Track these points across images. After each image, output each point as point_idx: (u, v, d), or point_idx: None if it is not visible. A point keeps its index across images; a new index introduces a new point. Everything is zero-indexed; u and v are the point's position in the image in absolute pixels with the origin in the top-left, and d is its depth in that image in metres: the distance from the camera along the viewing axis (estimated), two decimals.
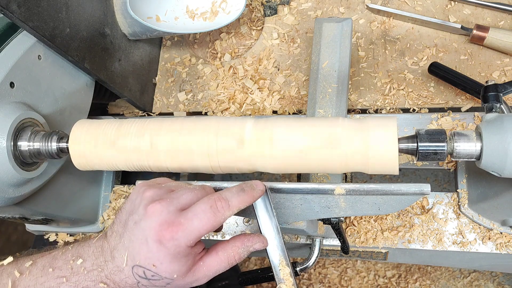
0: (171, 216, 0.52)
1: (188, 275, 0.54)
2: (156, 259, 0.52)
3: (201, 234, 0.52)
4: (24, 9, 0.66)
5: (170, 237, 0.51)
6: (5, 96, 0.69)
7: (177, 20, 0.98)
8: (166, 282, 0.53)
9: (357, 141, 0.57)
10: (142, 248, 0.52)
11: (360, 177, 1.44)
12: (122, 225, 0.54)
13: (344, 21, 0.85)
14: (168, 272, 0.52)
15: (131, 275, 0.53)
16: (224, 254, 0.56)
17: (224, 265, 0.56)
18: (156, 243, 0.51)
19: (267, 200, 0.57)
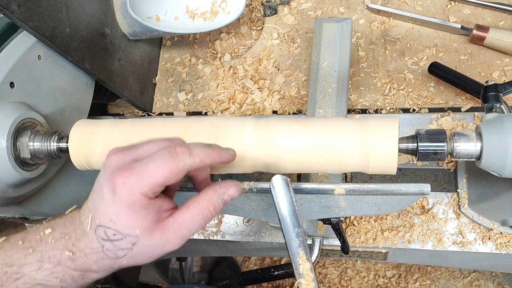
0: (124, 164, 0.48)
1: (155, 233, 0.49)
2: (112, 212, 0.48)
3: (158, 181, 0.47)
4: (24, 9, 0.66)
5: (121, 183, 0.47)
6: (5, 96, 0.69)
7: (177, 20, 0.98)
8: (130, 241, 0.48)
9: (357, 142, 0.57)
10: (100, 204, 0.48)
11: (360, 177, 1.44)
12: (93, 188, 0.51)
13: (344, 21, 0.85)
14: (128, 227, 0.48)
15: (94, 238, 0.49)
16: (197, 207, 0.50)
17: (199, 221, 0.50)
18: (109, 193, 0.47)
19: (288, 192, 0.55)
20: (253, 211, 0.66)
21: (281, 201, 0.54)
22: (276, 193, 0.55)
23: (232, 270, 1.75)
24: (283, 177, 0.55)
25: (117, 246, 0.49)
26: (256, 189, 0.61)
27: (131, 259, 0.50)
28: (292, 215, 0.55)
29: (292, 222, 0.55)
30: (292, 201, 0.55)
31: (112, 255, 0.49)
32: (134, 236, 0.48)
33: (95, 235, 0.49)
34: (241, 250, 0.96)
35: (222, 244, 0.92)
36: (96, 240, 0.49)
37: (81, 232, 0.50)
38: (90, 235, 0.49)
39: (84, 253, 0.50)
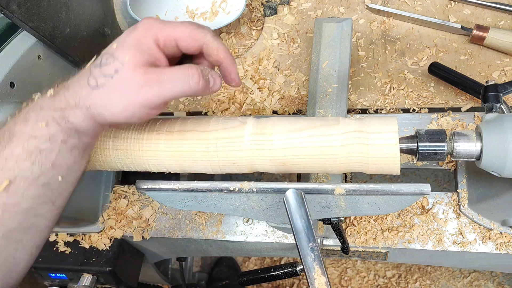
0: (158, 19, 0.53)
1: (138, 69, 0.49)
2: (121, 38, 0.51)
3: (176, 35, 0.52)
4: (24, 9, 0.66)
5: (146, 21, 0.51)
6: (5, 96, 0.70)
7: (177, 20, 0.98)
8: (114, 67, 0.49)
9: (357, 142, 0.57)
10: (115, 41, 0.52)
11: (360, 177, 1.45)
12: None
13: (344, 21, 0.85)
14: (122, 54, 0.50)
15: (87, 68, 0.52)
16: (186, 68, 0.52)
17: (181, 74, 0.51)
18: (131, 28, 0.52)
19: (302, 206, 0.55)
20: (253, 211, 0.66)
21: (295, 215, 0.54)
22: (290, 207, 0.54)
23: (232, 270, 1.76)
24: (297, 191, 0.55)
25: (102, 71, 0.50)
26: (256, 189, 0.61)
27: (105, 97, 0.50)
28: (307, 229, 0.54)
29: (307, 237, 0.54)
30: (307, 215, 0.54)
31: (93, 82, 0.50)
32: (120, 63, 0.49)
33: (90, 65, 0.52)
34: (241, 250, 0.96)
35: (222, 244, 0.93)
36: (88, 69, 0.51)
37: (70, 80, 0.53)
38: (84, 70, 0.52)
39: (67, 87, 0.52)
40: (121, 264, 0.93)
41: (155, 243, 0.96)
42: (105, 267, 0.91)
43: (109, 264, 0.91)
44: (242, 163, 0.61)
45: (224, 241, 0.90)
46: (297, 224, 0.55)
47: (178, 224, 0.91)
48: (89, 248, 0.92)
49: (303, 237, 0.55)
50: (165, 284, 1.53)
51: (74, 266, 0.92)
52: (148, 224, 0.92)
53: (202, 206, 0.65)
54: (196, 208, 0.67)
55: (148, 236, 0.91)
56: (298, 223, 0.55)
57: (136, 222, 0.92)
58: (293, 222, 0.55)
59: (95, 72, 0.50)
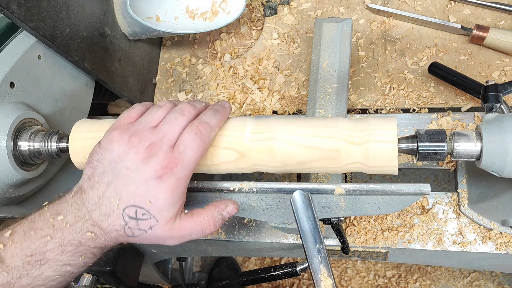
0: (166, 155, 0.54)
1: (166, 225, 0.56)
2: (153, 195, 0.54)
3: (196, 162, 0.56)
4: (24, 9, 0.66)
5: (171, 172, 0.54)
6: (5, 96, 0.69)
7: (177, 20, 0.98)
8: (150, 224, 0.55)
9: (357, 142, 0.57)
10: (140, 188, 0.54)
11: (360, 177, 1.45)
12: (108, 174, 0.55)
13: (344, 21, 0.85)
14: (159, 209, 0.54)
15: (120, 217, 0.54)
16: (198, 218, 0.58)
17: (198, 230, 0.58)
18: (156, 180, 0.54)
19: (310, 208, 0.55)
20: (253, 211, 0.66)
21: (302, 217, 0.55)
22: (297, 208, 0.55)
23: (232, 270, 1.75)
24: (304, 193, 0.55)
25: (138, 226, 0.55)
26: (256, 189, 0.61)
27: (139, 240, 0.57)
28: (314, 231, 0.55)
29: (313, 238, 0.55)
30: (314, 217, 0.55)
31: (130, 233, 0.56)
32: (156, 220, 0.55)
33: (123, 214, 0.54)
34: (241, 250, 0.96)
35: (222, 244, 0.92)
36: (122, 219, 0.55)
37: (101, 214, 0.55)
38: (116, 215, 0.54)
39: (105, 232, 0.55)
40: (121, 264, 0.93)
41: None
42: (105, 267, 0.91)
43: (109, 264, 0.91)
44: (242, 163, 0.61)
45: (224, 241, 0.90)
46: (304, 225, 0.55)
47: None
48: None
49: (309, 239, 0.55)
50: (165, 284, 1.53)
51: None
52: None
53: (202, 206, 0.65)
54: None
55: None
56: (305, 224, 0.55)
57: None
58: (300, 223, 0.55)
59: (132, 224, 0.55)
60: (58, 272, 0.55)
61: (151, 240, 0.57)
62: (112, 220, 0.55)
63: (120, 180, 0.54)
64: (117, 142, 0.56)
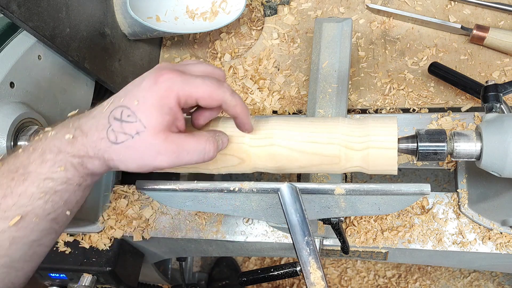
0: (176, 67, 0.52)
1: (159, 135, 0.50)
2: (142, 96, 0.50)
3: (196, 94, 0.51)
4: (24, 9, 0.66)
5: (167, 77, 0.50)
6: (5, 96, 0.69)
7: (177, 20, 0.98)
8: (136, 128, 0.50)
9: (357, 142, 0.57)
10: (134, 89, 0.51)
11: (360, 177, 1.45)
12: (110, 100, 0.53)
13: (344, 21, 0.85)
14: (145, 114, 0.49)
15: (106, 117, 0.50)
16: (202, 137, 0.53)
17: (200, 149, 0.53)
18: (151, 81, 0.50)
19: (297, 201, 0.55)
20: (253, 211, 0.66)
21: (290, 210, 0.55)
22: (285, 202, 0.55)
23: (232, 270, 1.76)
24: (292, 186, 0.55)
25: (123, 128, 0.50)
26: (256, 189, 0.61)
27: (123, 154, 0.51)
28: (302, 224, 0.55)
29: (302, 231, 0.55)
30: (302, 210, 0.55)
31: (113, 137, 0.50)
32: (143, 125, 0.50)
33: (109, 115, 0.50)
34: (241, 250, 0.96)
35: (222, 244, 0.92)
36: (107, 119, 0.50)
37: (89, 117, 0.52)
38: (102, 116, 0.51)
39: (85, 133, 0.51)
40: (121, 264, 0.93)
41: (155, 243, 0.96)
42: (105, 267, 0.91)
43: (109, 264, 0.91)
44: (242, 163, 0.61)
45: (224, 241, 0.90)
46: (292, 218, 0.55)
47: (178, 224, 0.91)
48: (89, 248, 0.92)
49: (298, 232, 0.55)
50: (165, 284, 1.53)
51: (74, 266, 0.91)
52: (148, 224, 0.92)
53: (202, 206, 0.65)
54: (196, 208, 0.67)
55: (148, 236, 0.91)
56: (293, 217, 0.55)
57: (136, 222, 0.92)
58: (288, 216, 0.55)
59: (116, 126, 0.50)
60: (41, 188, 0.51)
61: (138, 152, 0.50)
62: (96, 121, 0.51)
63: (122, 91, 0.52)
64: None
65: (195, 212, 0.91)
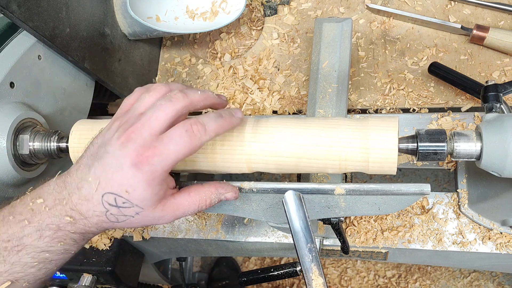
0: (146, 142, 0.51)
1: (157, 208, 0.53)
2: (130, 185, 0.51)
3: (178, 159, 0.52)
4: (24, 9, 0.66)
5: (146, 162, 0.50)
6: (5, 96, 0.69)
7: (177, 20, 0.98)
8: (135, 211, 0.52)
9: (357, 142, 0.57)
10: (116, 175, 0.51)
11: (360, 177, 1.44)
12: (92, 157, 0.53)
13: (344, 21, 0.85)
14: (140, 200, 0.51)
15: (100, 203, 0.52)
16: (197, 196, 0.56)
17: (194, 207, 0.56)
18: (131, 168, 0.50)
19: (301, 208, 0.56)
20: (253, 211, 0.66)
21: (294, 216, 0.55)
22: (289, 208, 0.55)
23: (232, 270, 1.75)
24: (296, 193, 0.55)
25: (121, 212, 0.52)
26: (256, 189, 0.61)
27: (127, 225, 0.54)
28: (305, 230, 0.55)
29: (305, 237, 0.55)
30: (305, 216, 0.55)
31: (114, 219, 0.53)
32: (140, 207, 0.52)
33: (102, 200, 0.51)
34: (241, 250, 0.96)
35: (222, 244, 0.92)
36: (102, 205, 0.52)
37: (81, 198, 0.52)
38: (95, 200, 0.52)
39: (84, 216, 0.52)
40: (121, 264, 0.93)
41: (155, 243, 0.96)
42: (105, 267, 0.91)
43: (109, 264, 0.91)
44: (242, 163, 0.61)
45: (224, 241, 0.90)
46: (295, 225, 0.55)
47: (178, 224, 0.91)
48: (89, 248, 0.92)
49: (301, 238, 0.55)
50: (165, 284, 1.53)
51: (74, 266, 0.91)
52: None
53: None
54: None
55: (148, 236, 0.91)
56: (296, 224, 0.55)
57: None
58: (292, 223, 0.55)
59: (114, 211, 0.52)
60: (36, 258, 0.52)
61: (142, 224, 0.54)
62: (92, 205, 0.52)
63: (100, 164, 0.52)
64: (109, 129, 0.54)
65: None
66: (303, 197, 0.56)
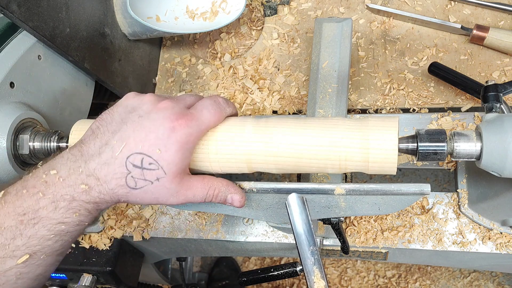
0: (182, 109, 0.54)
1: (175, 179, 0.53)
2: (164, 144, 0.51)
3: (209, 126, 0.56)
4: (24, 9, 0.66)
5: (185, 124, 0.52)
6: (5, 96, 0.70)
7: (177, 20, 0.98)
8: (157, 175, 0.52)
9: (357, 142, 0.57)
10: (150, 135, 0.51)
11: (360, 177, 1.44)
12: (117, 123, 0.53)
13: (344, 21, 0.85)
14: (168, 161, 0.52)
15: (123, 165, 0.51)
16: (209, 182, 0.57)
17: (203, 193, 0.56)
18: (168, 130, 0.51)
19: (304, 211, 0.56)
20: (253, 211, 0.66)
21: (297, 219, 0.55)
22: (292, 211, 0.55)
23: (232, 270, 1.76)
24: (299, 196, 0.55)
25: (143, 176, 0.52)
26: (256, 189, 0.61)
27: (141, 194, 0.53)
28: (308, 233, 0.55)
29: (307, 240, 0.55)
30: (308, 219, 0.55)
31: (132, 184, 0.52)
32: (164, 172, 0.52)
33: (126, 161, 0.51)
34: (241, 250, 0.96)
35: (222, 244, 0.92)
36: (125, 167, 0.51)
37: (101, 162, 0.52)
38: (118, 162, 0.51)
39: (102, 181, 0.52)
40: (121, 264, 0.93)
41: (155, 243, 0.96)
42: (105, 267, 0.91)
43: (109, 264, 0.91)
44: (242, 163, 0.61)
45: (224, 241, 0.90)
46: (298, 228, 0.55)
47: (178, 224, 0.91)
48: (89, 248, 0.92)
49: (303, 241, 0.55)
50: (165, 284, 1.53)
51: (74, 266, 0.91)
52: (148, 224, 0.92)
53: (202, 207, 0.65)
54: (196, 208, 0.67)
55: (148, 236, 0.91)
56: (299, 227, 0.55)
57: (136, 222, 0.92)
58: (295, 226, 0.56)
59: (136, 173, 0.52)
60: (52, 231, 0.52)
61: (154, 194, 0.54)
62: (112, 168, 0.51)
63: (129, 126, 0.52)
64: (133, 97, 0.55)
65: (195, 212, 0.91)
66: (306, 200, 0.56)
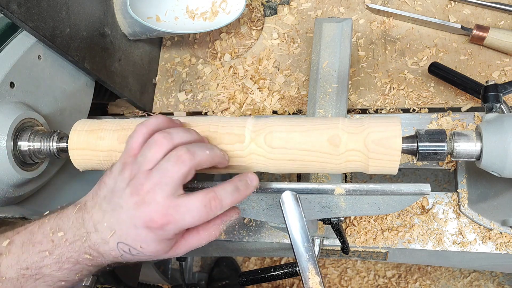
0: (160, 207, 0.52)
1: (170, 252, 0.57)
2: (143, 241, 0.54)
3: (190, 227, 0.55)
4: (24, 9, 0.66)
5: (160, 228, 0.53)
6: (5, 96, 0.70)
7: (177, 20, 0.98)
8: (149, 257, 0.56)
9: (357, 142, 0.56)
10: (130, 231, 0.53)
11: (360, 177, 1.44)
12: (106, 202, 0.54)
13: (344, 21, 0.85)
14: (153, 252, 0.55)
15: (115, 248, 0.54)
16: (205, 232, 0.58)
17: (204, 242, 0.59)
18: (145, 229, 0.53)
19: (297, 207, 0.56)
20: (253, 211, 0.66)
21: (291, 217, 0.56)
22: (285, 209, 0.56)
23: (232, 270, 1.76)
24: (293, 193, 0.56)
25: (136, 258, 0.56)
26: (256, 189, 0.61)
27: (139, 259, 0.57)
28: (302, 230, 0.56)
29: (301, 237, 0.56)
30: (302, 216, 0.56)
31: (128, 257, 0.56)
32: (154, 256, 0.56)
33: (117, 246, 0.54)
34: (241, 250, 0.96)
35: (222, 244, 0.92)
36: (117, 250, 0.55)
37: (99, 239, 0.54)
38: (111, 245, 0.54)
39: (102, 255, 0.55)
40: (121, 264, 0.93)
41: None
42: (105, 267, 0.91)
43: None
44: (242, 163, 0.61)
45: (224, 241, 0.90)
46: (292, 225, 0.56)
47: None
48: None
49: (298, 238, 0.56)
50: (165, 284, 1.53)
51: None
52: None
53: None
54: None
55: None
56: (293, 224, 0.56)
57: None
58: (289, 223, 0.56)
59: (127, 257, 0.56)
60: (52, 286, 0.55)
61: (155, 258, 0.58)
62: (108, 248, 0.55)
63: (114, 215, 0.54)
64: (119, 175, 0.55)
65: None
66: (299, 197, 0.56)
